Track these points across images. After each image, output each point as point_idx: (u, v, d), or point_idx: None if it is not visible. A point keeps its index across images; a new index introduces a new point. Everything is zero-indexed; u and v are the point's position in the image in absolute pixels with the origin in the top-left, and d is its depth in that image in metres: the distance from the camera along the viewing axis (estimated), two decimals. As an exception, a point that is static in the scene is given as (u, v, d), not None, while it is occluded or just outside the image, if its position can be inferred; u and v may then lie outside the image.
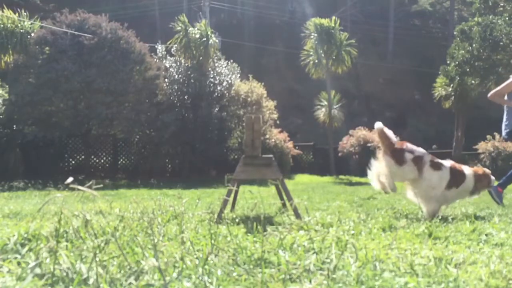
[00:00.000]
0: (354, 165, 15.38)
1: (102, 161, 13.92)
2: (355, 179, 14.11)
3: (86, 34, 11.88)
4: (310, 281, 1.44)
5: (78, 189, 1.52)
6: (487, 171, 3.74)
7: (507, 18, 16.03)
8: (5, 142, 11.92)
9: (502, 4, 17.50)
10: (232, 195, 3.86)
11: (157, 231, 2.19)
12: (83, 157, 13.29)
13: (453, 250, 2.04)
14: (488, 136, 17.46)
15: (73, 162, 13.61)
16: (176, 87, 13.19)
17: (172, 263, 1.53)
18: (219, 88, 13.43)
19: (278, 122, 14.92)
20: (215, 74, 13.71)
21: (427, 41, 30.71)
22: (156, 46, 14.15)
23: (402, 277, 1.49)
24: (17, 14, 12.48)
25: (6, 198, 6.17)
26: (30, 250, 1.70)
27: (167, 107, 12.85)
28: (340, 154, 15.60)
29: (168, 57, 13.91)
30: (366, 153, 15.11)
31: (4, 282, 1.32)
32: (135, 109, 11.96)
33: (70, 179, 1.51)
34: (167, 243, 1.89)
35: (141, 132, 13.01)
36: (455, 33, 18.32)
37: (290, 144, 14.61)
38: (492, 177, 3.78)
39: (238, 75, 14.35)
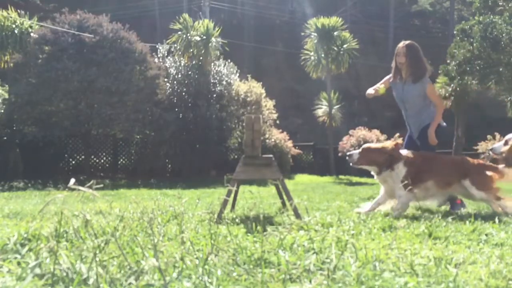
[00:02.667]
0: (354, 165, 15.33)
1: (102, 161, 13.91)
2: (355, 179, 14.10)
3: (87, 34, 11.86)
4: (310, 281, 1.44)
5: (79, 190, 1.52)
6: None
7: (507, 18, 16.00)
8: (5, 142, 11.91)
9: (501, 4, 17.47)
10: (232, 195, 3.86)
11: (157, 231, 2.19)
12: (83, 157, 13.28)
13: (453, 250, 2.04)
14: (488, 136, 17.46)
15: (73, 162, 13.60)
16: (176, 87, 13.20)
17: (172, 263, 1.53)
18: (218, 88, 13.43)
19: (278, 122, 14.92)
20: (214, 74, 13.71)
21: (427, 41, 30.66)
22: (157, 46, 14.15)
23: (402, 277, 1.49)
24: (15, 13, 12.46)
25: (6, 198, 6.17)
26: (30, 250, 1.70)
27: (167, 106, 12.85)
28: (340, 154, 15.59)
29: (169, 57, 13.91)
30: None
31: (4, 282, 1.32)
32: (136, 109, 11.96)
33: (73, 181, 1.51)
34: (167, 243, 1.89)
35: (141, 132, 13.01)
36: (455, 32, 18.28)
37: (290, 144, 14.61)
38: None
39: (238, 74, 14.35)
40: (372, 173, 3.92)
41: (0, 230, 2.35)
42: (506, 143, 3.79)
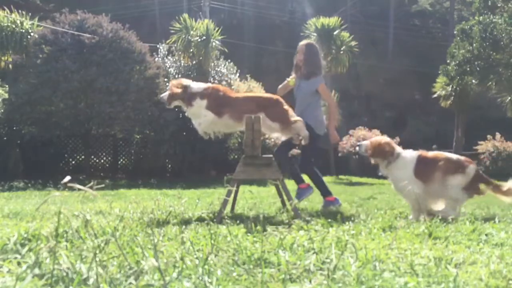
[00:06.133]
0: (354, 165, 15.38)
1: (102, 161, 13.91)
2: (355, 179, 14.10)
3: (86, 34, 11.86)
4: (310, 281, 1.44)
5: (79, 189, 1.52)
6: None
7: (507, 18, 16.02)
8: (5, 142, 11.91)
9: (500, 5, 17.49)
10: (232, 195, 3.86)
11: (157, 231, 2.19)
12: (83, 157, 13.28)
13: (453, 250, 2.04)
14: (488, 136, 17.47)
15: (73, 162, 13.60)
16: (176, 87, 13.19)
17: (172, 263, 1.53)
18: (218, 88, 13.43)
19: (278, 122, 14.91)
20: (214, 74, 13.71)
21: (427, 41, 30.69)
22: (158, 46, 14.14)
23: (402, 277, 1.49)
24: (15, 13, 12.46)
25: (6, 198, 6.16)
26: (30, 250, 1.70)
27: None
28: (340, 154, 15.59)
29: (169, 57, 13.91)
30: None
31: (4, 282, 1.32)
32: (136, 108, 11.96)
33: (67, 178, 1.50)
34: (167, 243, 1.89)
35: (141, 132, 13.00)
36: (455, 32, 18.31)
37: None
38: None
39: (238, 74, 14.35)
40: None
41: (0, 230, 2.35)
42: (371, 143, 3.90)
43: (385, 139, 3.95)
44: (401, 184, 3.63)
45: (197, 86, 3.99)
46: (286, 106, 3.92)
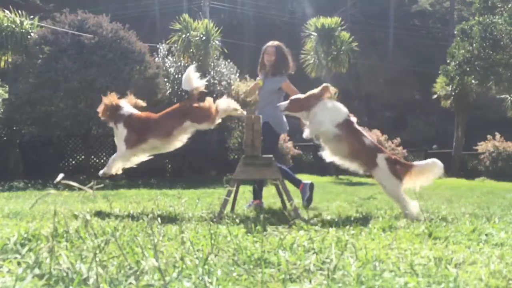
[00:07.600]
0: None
1: (102, 161, 13.88)
2: (355, 179, 14.10)
3: (87, 34, 11.86)
4: (310, 281, 1.44)
5: (79, 189, 1.52)
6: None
7: (507, 18, 16.03)
8: (5, 142, 11.90)
9: (500, 5, 17.52)
10: (232, 195, 3.87)
11: (157, 231, 2.19)
12: (83, 157, 13.27)
13: (453, 250, 2.04)
14: (488, 136, 17.48)
15: (73, 162, 13.59)
16: (176, 87, 13.19)
17: (172, 263, 1.53)
18: (218, 88, 13.43)
19: (278, 122, 14.89)
20: (214, 74, 13.71)
21: (427, 41, 30.71)
22: (158, 46, 14.14)
23: (402, 277, 1.49)
24: (15, 14, 12.46)
25: (6, 198, 6.16)
26: (30, 250, 1.70)
27: (167, 106, 12.80)
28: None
29: (169, 57, 13.90)
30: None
31: (4, 282, 1.32)
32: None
33: (60, 176, 1.50)
34: (167, 243, 1.89)
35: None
36: (455, 32, 18.33)
37: (290, 144, 14.60)
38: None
39: (238, 74, 14.35)
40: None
41: (0, 230, 2.35)
42: (290, 101, 3.98)
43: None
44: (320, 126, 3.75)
45: (127, 109, 3.90)
46: (200, 103, 3.86)
